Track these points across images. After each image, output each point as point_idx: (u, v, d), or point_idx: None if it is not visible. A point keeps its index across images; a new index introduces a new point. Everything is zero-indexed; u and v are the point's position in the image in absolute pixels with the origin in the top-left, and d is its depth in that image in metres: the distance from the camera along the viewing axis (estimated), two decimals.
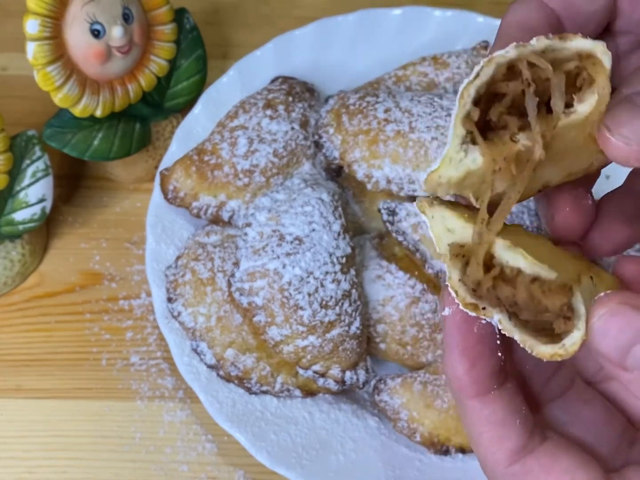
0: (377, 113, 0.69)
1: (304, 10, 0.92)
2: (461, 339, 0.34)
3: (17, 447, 0.67)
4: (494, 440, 0.34)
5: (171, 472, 0.67)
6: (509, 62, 0.32)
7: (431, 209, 0.34)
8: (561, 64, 0.33)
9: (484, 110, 0.33)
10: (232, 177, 0.70)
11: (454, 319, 0.35)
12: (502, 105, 0.33)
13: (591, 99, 0.33)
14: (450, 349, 0.35)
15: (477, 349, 0.34)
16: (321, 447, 0.64)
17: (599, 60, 0.33)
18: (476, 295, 0.33)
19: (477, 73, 0.32)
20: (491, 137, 0.33)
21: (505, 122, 0.33)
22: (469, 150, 0.33)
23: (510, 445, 0.34)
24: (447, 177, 0.34)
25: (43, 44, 0.65)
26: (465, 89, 0.32)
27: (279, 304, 0.62)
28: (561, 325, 0.32)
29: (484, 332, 0.35)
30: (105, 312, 0.74)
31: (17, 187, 0.71)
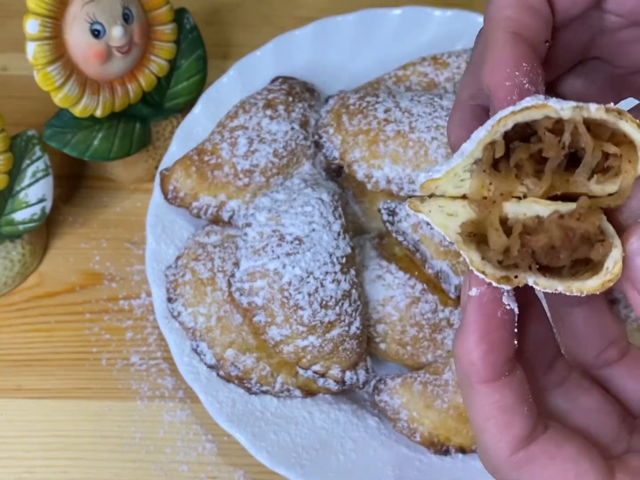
0: (377, 113, 0.69)
1: (304, 10, 0.92)
2: (484, 322, 0.34)
3: (17, 447, 0.68)
4: (500, 427, 0.34)
5: (171, 472, 0.67)
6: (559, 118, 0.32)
7: (425, 204, 0.34)
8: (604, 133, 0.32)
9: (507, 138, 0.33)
10: (232, 177, 0.70)
11: (481, 301, 0.34)
12: (527, 150, 0.32)
13: (609, 188, 0.32)
14: (468, 331, 0.34)
15: (498, 334, 0.34)
16: (321, 447, 0.64)
17: (635, 158, 0.32)
18: (503, 266, 0.32)
19: (522, 109, 0.32)
20: (500, 169, 0.33)
21: (521, 164, 0.33)
22: (474, 173, 0.33)
23: (516, 432, 0.34)
24: (443, 190, 0.33)
25: (43, 44, 0.65)
26: (505, 118, 0.32)
27: (279, 304, 0.62)
28: (599, 249, 0.31)
29: (507, 318, 0.34)
30: (105, 312, 0.74)
31: (17, 187, 0.71)
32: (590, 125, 0.32)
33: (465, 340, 0.34)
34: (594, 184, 0.33)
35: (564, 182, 0.33)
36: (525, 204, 0.32)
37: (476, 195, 0.33)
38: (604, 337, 0.38)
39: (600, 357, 0.38)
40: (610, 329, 0.38)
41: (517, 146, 0.33)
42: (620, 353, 0.38)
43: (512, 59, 0.34)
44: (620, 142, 0.32)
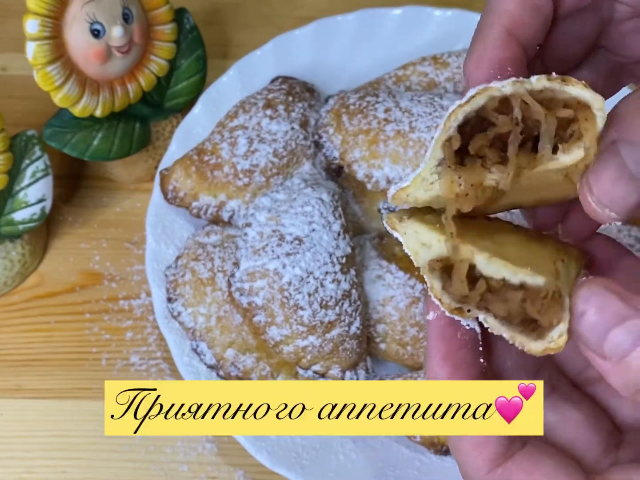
0: (377, 113, 0.69)
1: (304, 10, 0.92)
2: (444, 344, 0.34)
3: (17, 447, 0.68)
4: (475, 445, 0.34)
5: (171, 472, 0.67)
6: (503, 96, 0.32)
7: (402, 225, 0.34)
8: (556, 106, 0.32)
9: (466, 135, 0.33)
10: (232, 177, 0.70)
11: (438, 324, 0.35)
12: (485, 137, 0.33)
13: (576, 153, 0.32)
14: (432, 354, 0.35)
15: (459, 354, 0.34)
16: (321, 447, 0.64)
17: (592, 116, 0.32)
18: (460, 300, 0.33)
19: (469, 99, 0.32)
20: (466, 163, 0.33)
21: (484, 154, 0.33)
22: (442, 173, 0.33)
23: (491, 450, 0.34)
24: (415, 197, 0.33)
25: (43, 43, 0.65)
26: (454, 113, 0.32)
27: (279, 304, 0.62)
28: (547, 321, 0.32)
29: (467, 338, 0.34)
30: (105, 312, 0.74)
31: (17, 187, 0.71)
32: (543, 101, 0.32)
33: (430, 363, 0.35)
34: (563, 156, 0.32)
35: (531, 162, 0.33)
36: (495, 266, 0.32)
37: (448, 193, 0.33)
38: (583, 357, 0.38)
39: (582, 376, 0.38)
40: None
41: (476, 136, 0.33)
42: None
43: (499, 60, 0.34)
44: (574, 108, 0.32)
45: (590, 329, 0.31)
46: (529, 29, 0.35)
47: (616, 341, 0.30)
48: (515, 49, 0.35)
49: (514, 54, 0.35)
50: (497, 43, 0.35)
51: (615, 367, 0.30)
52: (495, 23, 0.35)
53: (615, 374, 0.31)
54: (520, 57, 0.35)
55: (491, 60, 0.34)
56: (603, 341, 0.30)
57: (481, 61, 0.34)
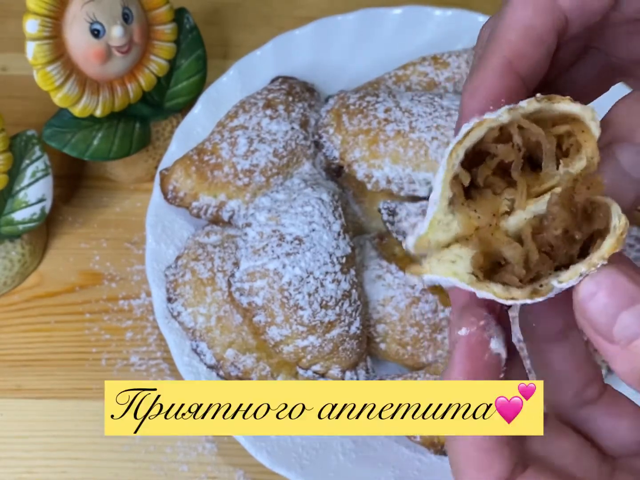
0: (377, 113, 0.69)
1: (304, 10, 0.92)
2: (469, 364, 0.34)
3: (17, 447, 0.68)
4: (480, 468, 0.34)
5: (171, 472, 0.67)
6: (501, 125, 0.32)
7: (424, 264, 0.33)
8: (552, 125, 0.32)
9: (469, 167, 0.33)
10: (232, 177, 0.70)
11: (469, 341, 0.34)
12: (488, 166, 0.33)
13: (578, 164, 0.32)
14: (454, 370, 0.34)
15: (482, 377, 0.34)
16: (321, 447, 0.64)
17: (587, 127, 0.32)
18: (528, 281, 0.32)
19: (466, 134, 0.32)
20: (474, 195, 0.33)
21: (489, 182, 0.33)
22: (456, 211, 0.33)
23: (495, 474, 0.33)
24: (437, 241, 0.33)
25: (43, 43, 0.65)
26: (454, 150, 0.32)
27: (279, 304, 0.62)
28: (599, 214, 0.31)
29: (493, 363, 0.34)
30: (105, 312, 0.74)
31: (17, 187, 0.71)
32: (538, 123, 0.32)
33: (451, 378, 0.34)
34: (564, 170, 0.33)
35: (538, 182, 0.33)
36: (519, 212, 0.32)
37: (468, 229, 0.33)
38: (582, 375, 0.38)
39: (580, 396, 0.38)
40: (588, 368, 0.38)
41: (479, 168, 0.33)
42: (598, 392, 0.38)
43: (494, 92, 0.34)
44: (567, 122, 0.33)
45: (600, 310, 0.30)
46: (530, 60, 0.35)
47: (626, 324, 0.30)
48: (513, 80, 0.34)
49: (511, 85, 0.34)
50: (495, 74, 0.34)
51: (623, 351, 0.30)
52: (496, 52, 0.35)
53: (621, 358, 0.30)
54: (518, 88, 0.34)
55: (487, 91, 0.34)
56: (612, 324, 0.30)
57: (476, 91, 0.34)
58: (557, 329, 0.37)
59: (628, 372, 0.30)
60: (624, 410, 0.38)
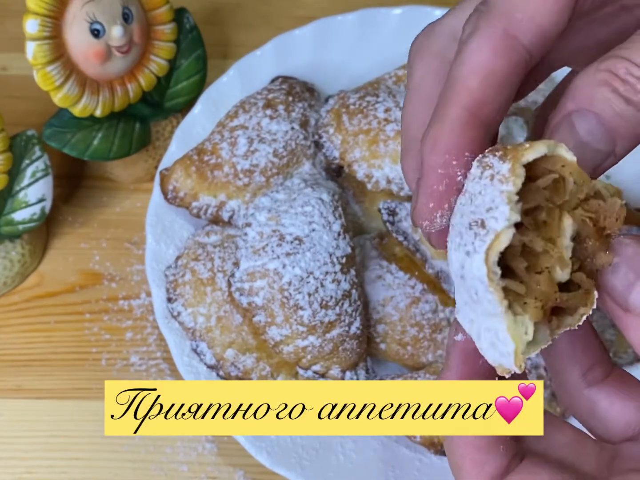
0: (378, 113, 0.69)
1: (304, 10, 0.92)
2: (465, 369, 0.34)
3: (17, 447, 0.68)
4: (476, 464, 0.34)
5: (171, 472, 0.67)
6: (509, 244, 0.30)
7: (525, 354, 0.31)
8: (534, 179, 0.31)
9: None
10: (232, 177, 0.70)
11: (465, 347, 0.34)
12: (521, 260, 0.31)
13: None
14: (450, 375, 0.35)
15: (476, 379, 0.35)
16: (321, 447, 0.64)
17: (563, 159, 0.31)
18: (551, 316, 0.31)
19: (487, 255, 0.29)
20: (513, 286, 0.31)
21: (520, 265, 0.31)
22: (524, 322, 0.31)
23: (491, 470, 0.34)
24: (532, 350, 0.31)
25: (43, 43, 0.65)
26: (489, 273, 0.29)
27: (279, 304, 0.62)
28: None
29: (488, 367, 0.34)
30: (105, 312, 0.74)
31: (17, 187, 0.71)
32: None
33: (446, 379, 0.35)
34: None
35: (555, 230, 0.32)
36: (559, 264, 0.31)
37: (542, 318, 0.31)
38: (589, 356, 0.38)
39: (586, 377, 0.38)
40: (595, 349, 0.38)
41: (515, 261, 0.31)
42: (604, 373, 0.38)
43: (455, 146, 0.32)
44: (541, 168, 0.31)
45: (619, 278, 0.31)
46: (493, 107, 0.33)
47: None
48: (476, 131, 0.32)
49: (474, 137, 0.32)
50: (456, 125, 0.32)
51: (637, 320, 0.30)
52: (455, 102, 0.32)
53: (636, 328, 0.31)
54: (481, 138, 0.33)
55: (447, 144, 0.32)
56: (630, 292, 0.30)
57: (436, 144, 0.32)
58: None
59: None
60: (631, 390, 0.38)
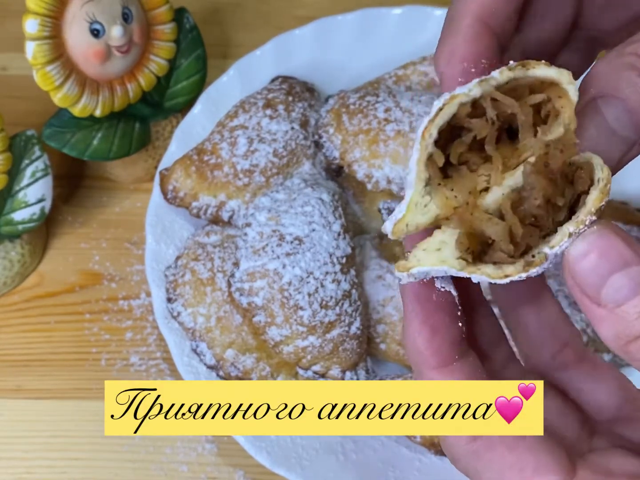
0: (378, 113, 0.69)
1: (304, 10, 0.92)
2: (420, 308, 0.33)
3: (17, 447, 0.68)
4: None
5: (171, 473, 0.67)
6: (473, 100, 0.31)
7: (411, 258, 0.32)
8: (523, 94, 0.31)
9: (441, 145, 0.32)
10: (232, 177, 0.70)
11: (413, 288, 0.34)
12: (462, 143, 0.32)
13: (557, 131, 0.31)
14: (409, 319, 0.34)
15: (437, 317, 0.33)
16: (321, 447, 0.64)
17: (564, 91, 0.31)
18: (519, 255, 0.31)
19: (437, 112, 0.31)
20: (452, 174, 0.32)
21: (465, 159, 0.32)
22: (433, 192, 0.32)
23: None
24: (415, 224, 0.32)
25: (42, 43, 0.65)
26: (427, 130, 0.31)
27: (279, 304, 0.62)
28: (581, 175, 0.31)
29: (444, 301, 0.34)
30: (104, 312, 0.74)
31: (17, 186, 0.71)
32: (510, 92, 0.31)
33: (408, 329, 0.34)
34: (542, 138, 0.31)
35: (516, 154, 0.32)
36: (496, 188, 0.31)
37: (446, 210, 0.32)
38: (558, 337, 0.37)
39: (557, 359, 0.38)
40: (563, 329, 0.38)
41: (453, 145, 0.32)
42: (576, 355, 0.38)
43: (472, 54, 0.33)
44: (544, 89, 0.31)
45: (591, 271, 0.29)
46: (502, 16, 0.34)
47: (616, 286, 0.29)
48: (489, 39, 0.33)
49: (488, 45, 0.33)
50: (469, 35, 0.34)
51: (610, 314, 0.29)
52: (466, 13, 0.34)
53: (608, 322, 0.29)
54: (494, 47, 0.34)
55: (464, 53, 0.33)
56: (602, 286, 0.29)
57: (453, 55, 0.33)
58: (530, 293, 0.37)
59: (613, 336, 0.30)
60: (603, 374, 0.37)
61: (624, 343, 0.29)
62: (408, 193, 0.32)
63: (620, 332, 0.29)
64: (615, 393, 0.37)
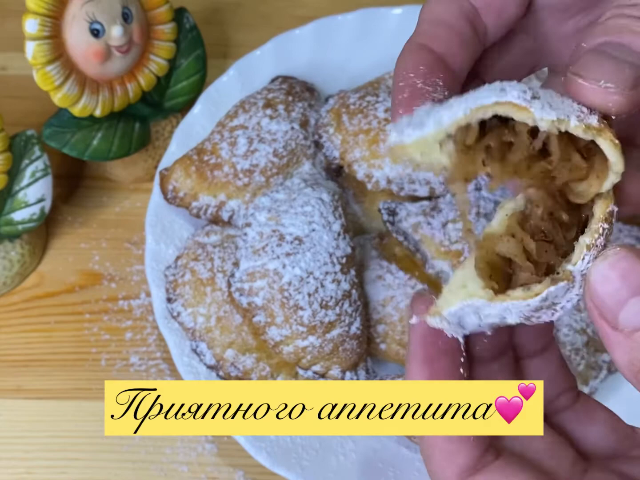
0: (378, 112, 0.69)
1: (304, 10, 0.92)
2: (423, 350, 0.34)
3: (17, 447, 0.67)
4: (446, 455, 0.33)
5: (171, 473, 0.66)
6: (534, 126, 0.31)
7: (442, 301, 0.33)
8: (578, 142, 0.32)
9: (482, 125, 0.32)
10: (232, 177, 0.70)
11: (421, 329, 0.34)
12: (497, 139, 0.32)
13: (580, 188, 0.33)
14: (412, 358, 0.34)
15: (440, 363, 0.34)
16: (321, 447, 0.64)
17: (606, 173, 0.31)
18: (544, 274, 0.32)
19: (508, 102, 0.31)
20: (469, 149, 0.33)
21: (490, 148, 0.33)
22: (443, 149, 0.32)
23: (461, 461, 0.33)
24: (411, 157, 0.33)
25: (42, 43, 0.65)
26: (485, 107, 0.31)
27: (279, 304, 0.62)
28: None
29: (448, 348, 0.34)
30: (104, 313, 0.74)
31: (16, 186, 0.71)
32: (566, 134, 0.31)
33: (409, 367, 0.34)
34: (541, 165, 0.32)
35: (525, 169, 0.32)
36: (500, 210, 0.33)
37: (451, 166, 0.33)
38: (556, 386, 0.37)
39: (553, 404, 0.38)
40: (562, 379, 0.38)
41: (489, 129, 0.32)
42: (571, 401, 0.38)
43: (410, 64, 0.36)
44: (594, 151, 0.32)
45: (610, 293, 0.29)
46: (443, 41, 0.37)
47: (634, 310, 0.29)
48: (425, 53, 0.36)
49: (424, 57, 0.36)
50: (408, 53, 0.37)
51: (626, 339, 0.29)
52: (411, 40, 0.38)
53: (623, 347, 0.29)
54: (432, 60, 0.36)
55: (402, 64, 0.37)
56: (620, 309, 0.29)
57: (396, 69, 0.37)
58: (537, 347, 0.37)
59: (627, 362, 0.29)
60: (596, 416, 0.37)
61: (637, 370, 0.29)
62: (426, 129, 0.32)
63: (634, 358, 0.29)
64: (609, 433, 0.37)
